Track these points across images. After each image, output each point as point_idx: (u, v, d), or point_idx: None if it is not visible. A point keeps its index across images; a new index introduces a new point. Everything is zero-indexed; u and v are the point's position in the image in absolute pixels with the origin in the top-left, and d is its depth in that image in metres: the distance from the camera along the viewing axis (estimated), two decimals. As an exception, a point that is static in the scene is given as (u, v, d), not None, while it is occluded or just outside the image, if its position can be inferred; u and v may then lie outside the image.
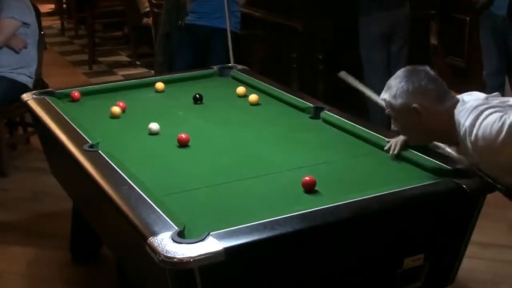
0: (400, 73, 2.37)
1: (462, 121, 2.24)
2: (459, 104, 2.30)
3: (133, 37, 7.52)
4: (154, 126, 2.91)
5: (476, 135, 2.19)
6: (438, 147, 2.53)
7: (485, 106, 2.22)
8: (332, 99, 3.87)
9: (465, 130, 2.22)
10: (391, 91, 2.34)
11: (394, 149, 2.57)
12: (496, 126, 2.14)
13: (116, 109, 3.15)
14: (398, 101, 2.32)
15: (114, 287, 2.87)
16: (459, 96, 2.36)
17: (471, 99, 2.32)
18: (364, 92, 2.99)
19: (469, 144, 2.23)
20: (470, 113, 2.23)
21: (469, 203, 2.30)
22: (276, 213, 2.05)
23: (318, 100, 3.33)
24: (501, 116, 2.16)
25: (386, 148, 2.61)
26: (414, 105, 2.29)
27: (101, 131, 2.89)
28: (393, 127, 2.45)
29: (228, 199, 2.31)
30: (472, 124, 2.20)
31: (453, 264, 2.41)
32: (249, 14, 5.29)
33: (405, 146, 2.57)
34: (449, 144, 2.45)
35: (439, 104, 2.31)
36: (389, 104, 2.36)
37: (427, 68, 2.37)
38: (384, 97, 2.38)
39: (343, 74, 3.17)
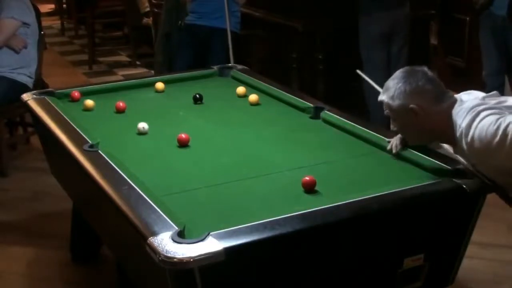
0: (397, 74, 2.38)
1: (459, 122, 2.25)
2: (456, 104, 2.30)
3: (133, 37, 7.52)
4: (142, 125, 2.92)
5: (472, 137, 2.19)
6: (440, 147, 2.53)
7: (482, 107, 2.22)
8: (332, 99, 3.87)
9: (462, 131, 2.23)
10: (389, 92, 2.36)
11: (396, 147, 2.57)
12: (492, 129, 2.14)
13: (89, 102, 3.25)
14: (396, 102, 2.33)
15: (114, 287, 2.87)
16: (457, 96, 2.37)
17: (469, 98, 2.32)
18: (379, 90, 2.95)
19: (464, 146, 2.23)
20: (466, 114, 2.23)
21: (469, 203, 2.30)
22: (276, 213, 2.05)
23: (318, 100, 3.33)
24: (497, 119, 2.16)
25: (388, 148, 2.61)
26: (412, 105, 2.30)
27: (101, 131, 2.89)
28: (392, 127, 2.46)
29: (228, 199, 2.31)
30: (468, 126, 2.20)
31: (453, 264, 2.41)
32: (249, 14, 5.29)
33: (405, 142, 2.58)
34: (447, 144, 2.45)
35: (436, 105, 2.31)
36: (387, 105, 2.38)
37: (425, 68, 2.38)
38: (382, 98, 2.40)
39: (359, 72, 3.19)
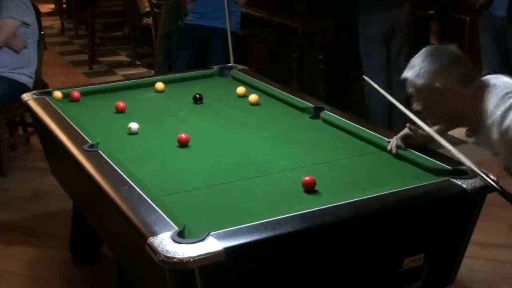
0: (423, 51, 2.29)
1: (491, 108, 2.17)
2: (488, 89, 2.22)
3: (133, 37, 7.52)
4: (130, 125, 2.92)
5: (508, 126, 2.11)
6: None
7: None
8: (332, 99, 3.87)
9: (495, 119, 2.15)
10: (414, 70, 2.26)
11: (396, 147, 2.56)
12: None
13: (57, 94, 3.33)
14: (421, 81, 2.24)
15: (114, 287, 2.87)
16: (486, 78, 2.28)
17: (500, 84, 2.23)
18: (387, 96, 2.70)
19: (495, 135, 2.16)
20: (500, 101, 2.15)
21: (469, 203, 2.30)
22: (276, 213, 2.05)
23: (318, 100, 3.32)
24: None
25: (388, 148, 2.59)
26: (437, 85, 2.21)
27: (101, 131, 2.89)
28: (415, 106, 2.36)
29: (228, 199, 2.31)
30: (504, 115, 2.12)
31: (453, 264, 2.41)
32: (249, 14, 5.29)
33: (405, 139, 2.55)
34: (471, 128, 2.36)
35: (464, 87, 2.23)
36: (412, 83, 2.28)
37: (453, 47, 2.29)
38: (407, 75, 2.29)
39: (365, 78, 2.96)
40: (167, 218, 2.05)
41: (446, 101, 2.24)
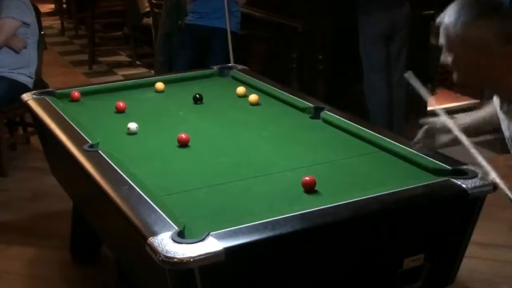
0: (459, 2, 2.04)
1: None
2: None
3: (133, 37, 7.52)
4: (132, 125, 2.92)
5: None
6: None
7: None
8: (332, 99, 3.87)
9: None
10: (448, 18, 2.02)
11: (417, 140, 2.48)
12: None
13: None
14: (454, 31, 2.00)
15: (114, 287, 2.87)
16: None
17: None
18: (425, 98, 2.47)
19: None
20: None
21: (469, 203, 2.30)
22: (276, 213, 2.05)
23: (318, 100, 3.32)
24: None
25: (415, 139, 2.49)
26: (472, 37, 1.97)
27: (101, 131, 2.89)
28: (443, 57, 2.08)
29: (228, 199, 2.31)
30: None
31: (453, 264, 2.41)
32: (249, 14, 5.30)
33: (427, 131, 2.44)
34: (500, 97, 2.15)
35: (503, 46, 1.96)
36: (444, 31, 2.04)
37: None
38: (442, 20, 2.05)
39: (408, 75, 2.48)
40: (167, 218, 2.05)
41: (480, 59, 1.99)
